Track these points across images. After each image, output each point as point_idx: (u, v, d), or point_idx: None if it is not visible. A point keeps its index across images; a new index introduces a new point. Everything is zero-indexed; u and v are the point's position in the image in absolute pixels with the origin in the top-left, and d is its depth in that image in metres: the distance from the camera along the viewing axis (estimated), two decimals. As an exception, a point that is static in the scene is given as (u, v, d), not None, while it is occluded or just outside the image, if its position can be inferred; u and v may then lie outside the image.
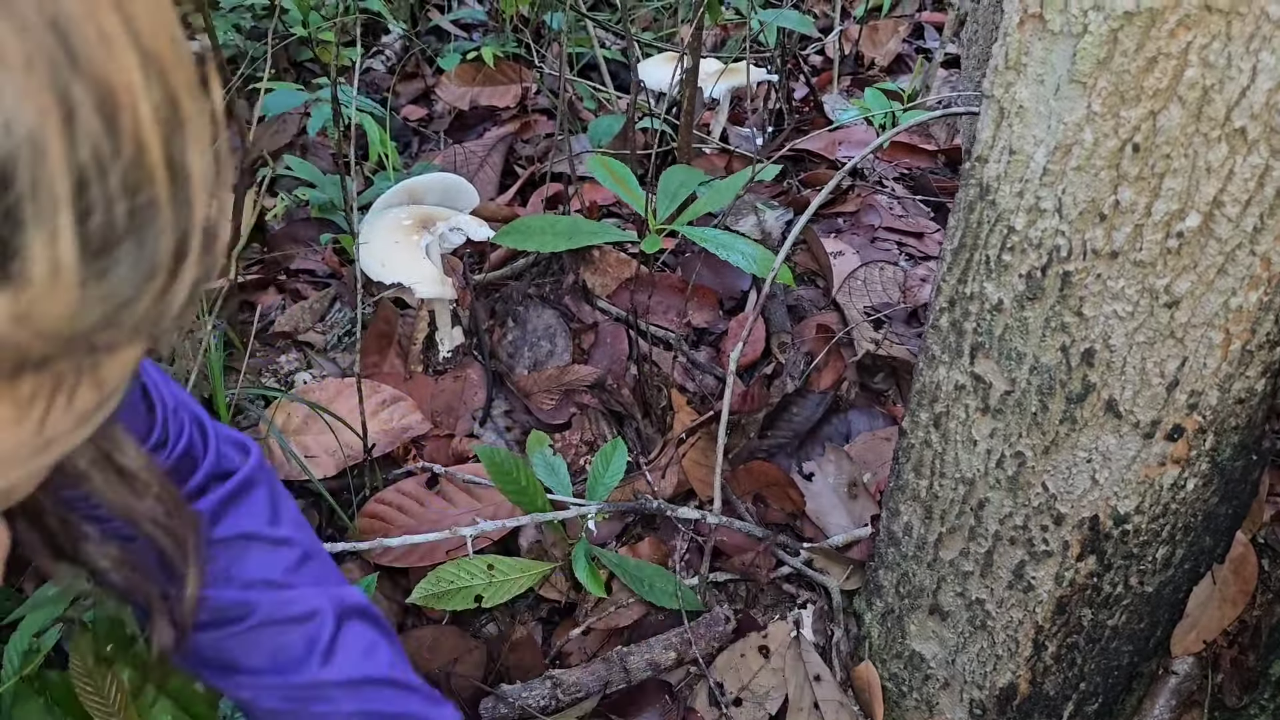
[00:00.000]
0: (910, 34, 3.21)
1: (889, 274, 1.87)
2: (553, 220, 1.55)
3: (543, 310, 1.81)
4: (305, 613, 0.89)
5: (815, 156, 2.36)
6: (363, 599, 0.96)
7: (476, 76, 3.13)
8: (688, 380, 1.71)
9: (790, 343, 1.72)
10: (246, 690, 0.89)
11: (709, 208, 1.56)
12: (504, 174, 2.74)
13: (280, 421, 1.72)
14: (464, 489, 1.63)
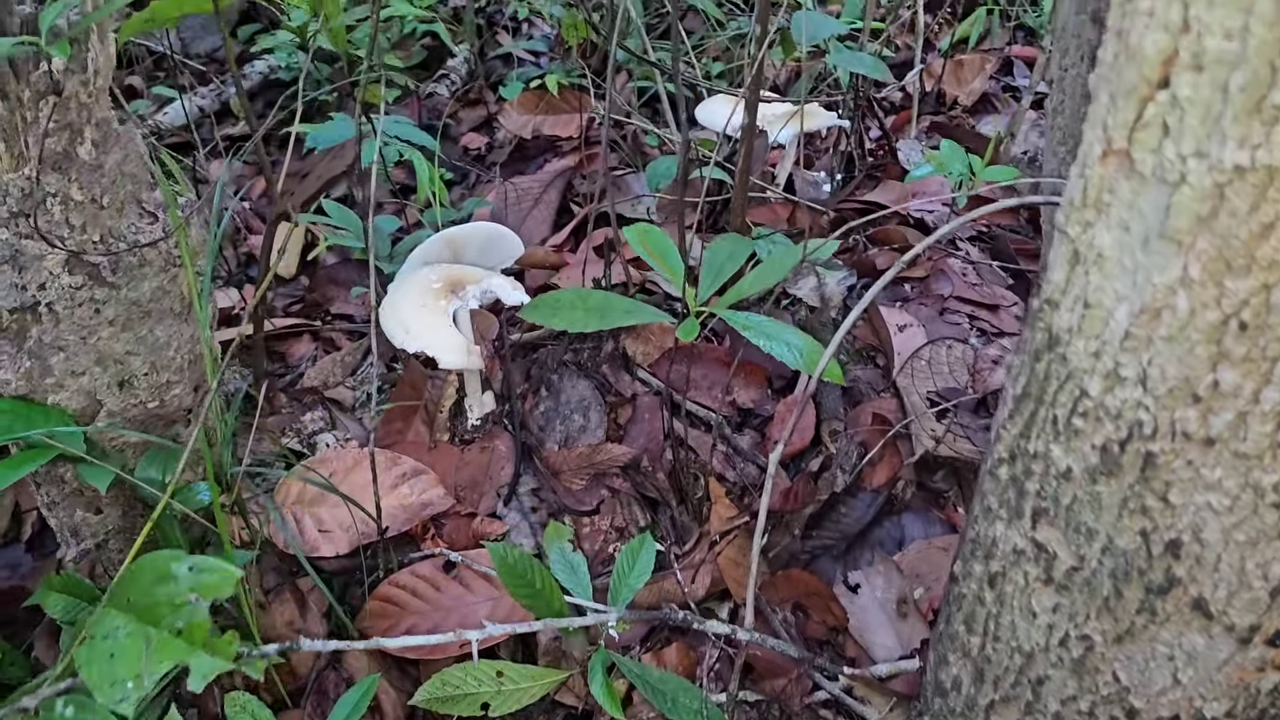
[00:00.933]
0: (999, 69, 3.01)
1: (957, 353, 1.71)
2: (585, 294, 1.43)
3: (578, 380, 1.69)
4: None
5: (884, 209, 2.19)
6: None
7: (539, 105, 3.03)
8: (728, 468, 1.57)
9: (843, 431, 1.57)
10: None
11: (756, 288, 1.43)
12: (561, 210, 2.63)
13: (295, 491, 1.63)
14: (483, 575, 1.52)
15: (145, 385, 1.45)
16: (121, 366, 1.42)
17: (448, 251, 1.94)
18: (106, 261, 1.35)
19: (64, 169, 1.31)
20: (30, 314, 1.34)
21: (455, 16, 3.59)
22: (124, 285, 1.38)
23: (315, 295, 2.26)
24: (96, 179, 1.34)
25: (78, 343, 1.37)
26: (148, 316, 1.42)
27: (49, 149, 1.29)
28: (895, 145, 2.45)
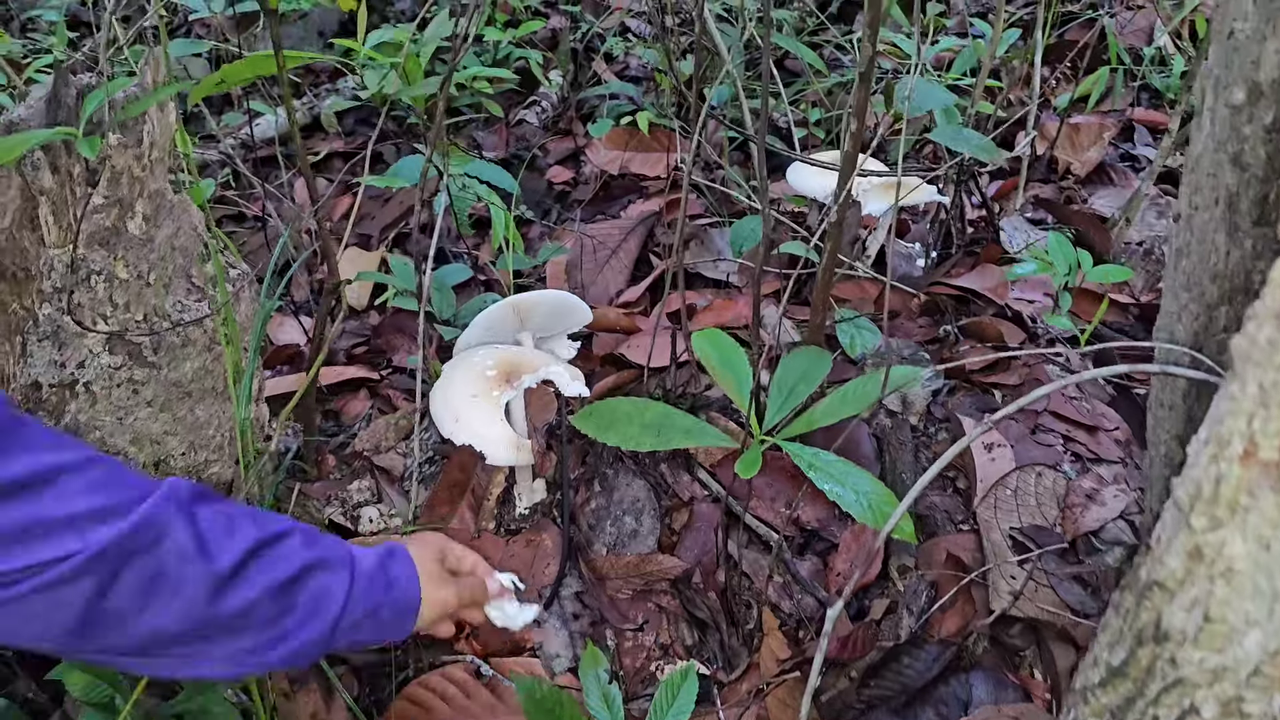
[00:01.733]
0: (1119, 134, 2.82)
1: (1047, 482, 1.57)
2: (641, 407, 1.33)
3: (633, 479, 1.59)
4: (158, 535, 0.86)
5: (982, 298, 2.05)
6: (187, 484, 0.93)
7: (629, 142, 2.94)
8: (784, 598, 1.46)
9: (913, 569, 1.45)
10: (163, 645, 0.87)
11: (829, 420, 1.31)
12: (640, 260, 2.54)
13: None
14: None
15: (182, 465, 1.40)
16: (158, 447, 1.36)
17: (514, 317, 1.86)
18: (149, 340, 1.30)
19: (111, 245, 1.26)
20: (69, 390, 1.30)
21: (553, 39, 3.51)
22: (165, 365, 1.33)
23: (380, 341, 2.21)
24: (145, 255, 1.29)
25: (114, 423, 1.32)
26: (188, 397, 1.36)
27: (97, 224, 1.24)
28: (998, 221, 2.30)
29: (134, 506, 0.86)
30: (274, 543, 0.95)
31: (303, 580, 0.97)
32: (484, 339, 1.85)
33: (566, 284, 2.40)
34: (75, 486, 0.82)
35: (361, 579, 1.02)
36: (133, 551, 0.84)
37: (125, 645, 0.86)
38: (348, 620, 1.00)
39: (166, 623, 0.86)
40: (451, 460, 1.66)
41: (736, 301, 2.16)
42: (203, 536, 0.89)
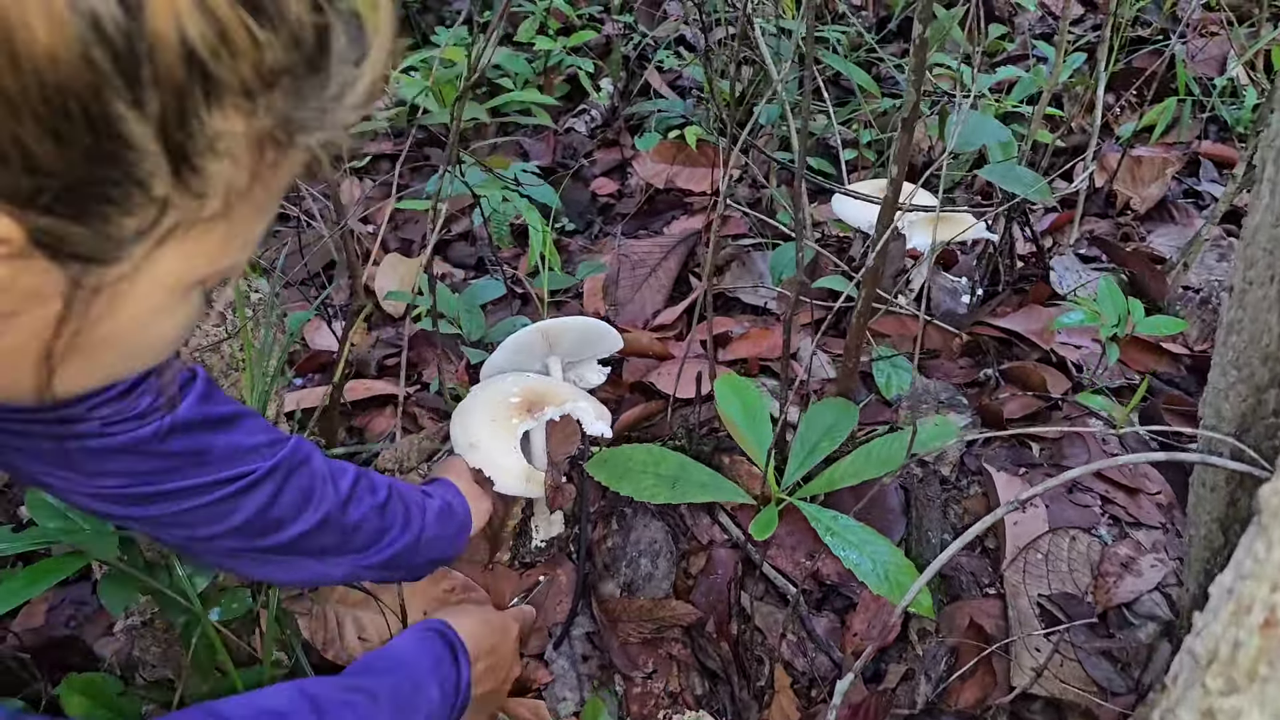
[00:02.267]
0: (1184, 169, 2.72)
1: (1081, 547, 1.50)
2: (658, 456, 1.29)
3: (651, 521, 1.56)
4: (307, 454, 1.09)
5: (1026, 342, 1.98)
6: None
7: (677, 156, 2.90)
8: (798, 655, 1.42)
9: (933, 633, 1.40)
10: (294, 544, 1.07)
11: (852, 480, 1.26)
12: (680, 279, 2.50)
13: (339, 592, 1.56)
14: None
15: (195, 488, 1.39)
16: (171, 470, 1.36)
17: (543, 342, 1.83)
18: (164, 366, 1.29)
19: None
20: (84, 411, 1.29)
21: (606, 47, 3.48)
22: (180, 391, 1.32)
23: (412, 354, 2.19)
24: (163, 279, 1.28)
25: (127, 446, 1.31)
26: (202, 422, 1.35)
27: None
28: (1049, 259, 2.22)
29: (286, 441, 1.07)
30: (366, 476, 1.18)
31: (391, 502, 1.19)
32: (511, 362, 1.83)
33: (603, 302, 2.37)
34: (252, 425, 1.03)
35: (430, 502, 1.27)
36: (291, 469, 1.05)
37: (277, 544, 1.06)
38: (426, 534, 1.22)
39: (309, 528, 1.07)
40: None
41: (773, 330, 2.11)
42: (329, 465, 1.12)
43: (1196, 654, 0.57)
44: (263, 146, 0.52)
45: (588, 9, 3.55)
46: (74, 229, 0.48)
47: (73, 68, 0.43)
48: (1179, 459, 1.00)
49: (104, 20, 0.43)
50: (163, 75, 0.46)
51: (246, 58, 0.48)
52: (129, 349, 0.61)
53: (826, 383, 1.92)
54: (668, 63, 3.24)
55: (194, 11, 0.45)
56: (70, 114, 0.44)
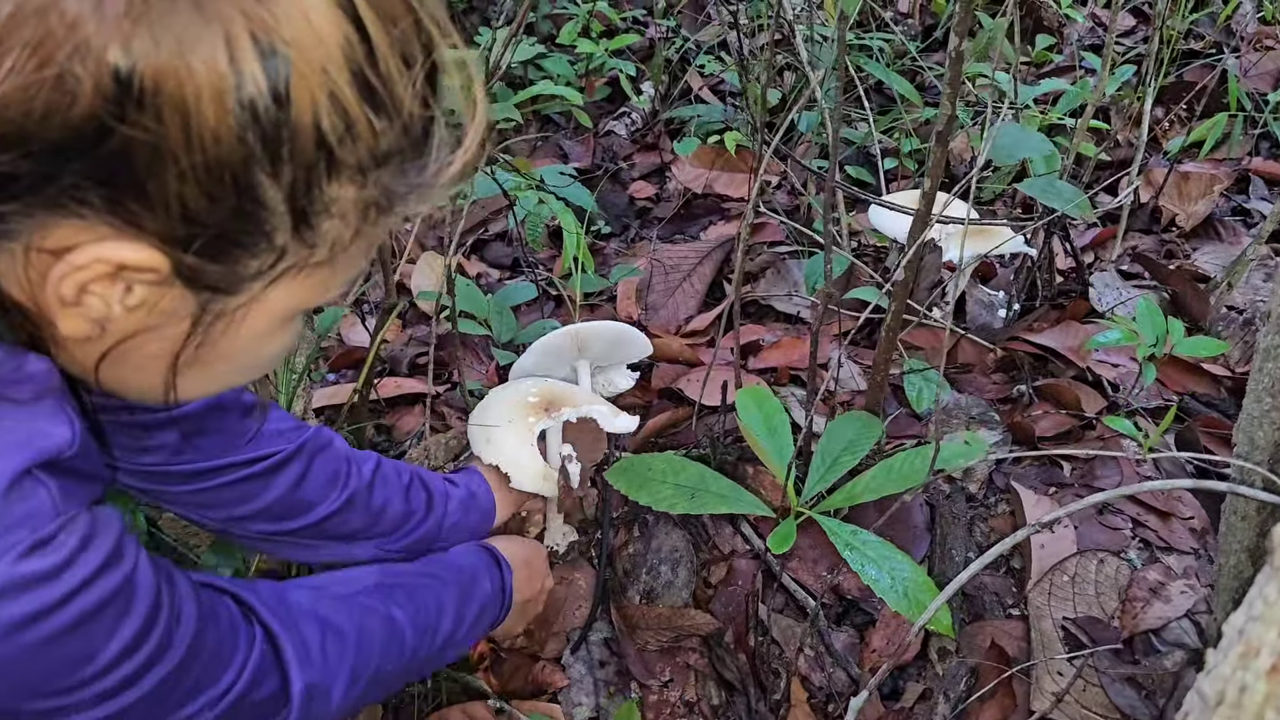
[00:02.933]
0: (1233, 186, 2.66)
1: (1109, 570, 1.48)
2: (678, 466, 1.29)
3: (673, 529, 1.55)
4: (329, 439, 1.17)
5: (1062, 359, 1.95)
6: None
7: (716, 161, 2.89)
8: (815, 669, 1.41)
9: (954, 652, 1.38)
10: (323, 525, 1.14)
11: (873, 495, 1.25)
12: (714, 285, 2.49)
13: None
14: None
15: (221, 481, 1.41)
16: (199, 462, 1.37)
17: (572, 346, 1.84)
18: (194, 360, 1.31)
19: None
20: (115, 402, 1.31)
21: (649, 50, 3.48)
22: (208, 385, 1.33)
23: (443, 354, 2.21)
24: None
25: (156, 438, 1.33)
26: (230, 416, 1.37)
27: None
28: (1090, 275, 2.19)
29: (309, 427, 1.14)
30: (388, 462, 1.23)
31: (413, 488, 1.24)
32: (540, 365, 1.83)
33: (637, 306, 2.37)
34: (278, 414, 1.12)
35: (454, 490, 1.32)
36: (316, 451, 1.13)
37: (305, 525, 1.12)
38: (449, 520, 1.27)
39: (335, 509, 1.13)
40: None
41: (805, 340, 2.09)
42: (352, 451, 1.18)
43: (1205, 694, 0.56)
44: (368, 211, 0.63)
45: (631, 12, 3.55)
46: (210, 267, 0.60)
47: (231, 145, 0.54)
48: (1208, 487, 0.98)
49: (260, 111, 0.54)
50: (298, 154, 0.57)
51: (365, 142, 0.59)
52: (241, 364, 0.73)
53: (856, 394, 1.90)
54: (709, 67, 3.23)
55: (329, 106, 0.56)
56: (223, 180, 0.55)
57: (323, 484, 1.14)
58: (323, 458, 1.14)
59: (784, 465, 1.29)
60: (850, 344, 2.03)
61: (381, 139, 0.60)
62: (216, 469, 1.05)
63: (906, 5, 3.54)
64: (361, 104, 0.57)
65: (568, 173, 2.53)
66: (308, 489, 1.12)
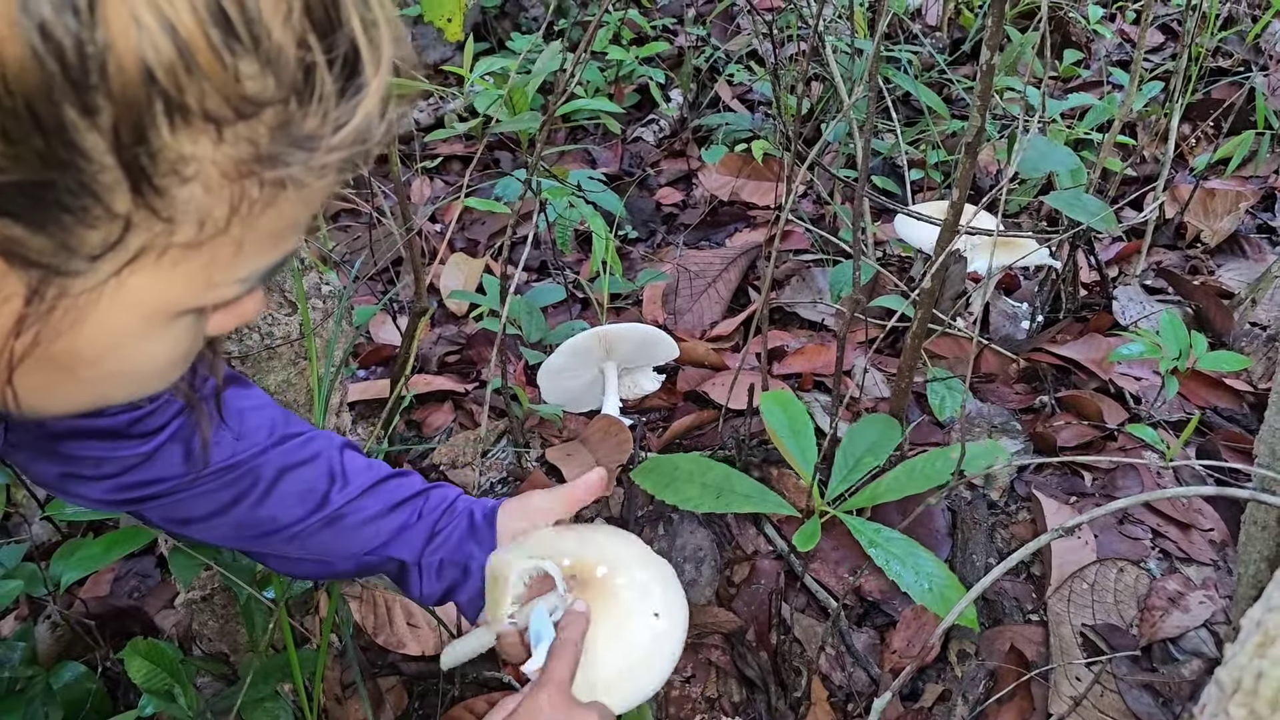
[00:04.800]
0: (1259, 203, 2.67)
1: (1128, 579, 1.49)
2: (704, 466, 1.32)
3: (697, 528, 1.58)
4: (313, 454, 1.03)
5: (1084, 370, 1.97)
6: (344, 437, 1.10)
7: (743, 169, 2.92)
8: (835, 668, 1.43)
9: (973, 655, 1.40)
10: (297, 541, 1.02)
11: (896, 495, 1.28)
12: (739, 291, 2.52)
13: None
14: None
15: (259, 470, 1.44)
16: (238, 452, 1.41)
17: (600, 348, 1.87)
18: (236, 350, 1.35)
19: (210, 257, 1.31)
20: (159, 391, 1.35)
21: (678, 58, 3.52)
22: (250, 376, 1.37)
23: (472, 353, 2.25)
24: (241, 268, 1.34)
25: (198, 426, 1.37)
26: (270, 407, 1.41)
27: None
28: (1114, 288, 2.20)
29: (292, 437, 1.04)
30: (392, 478, 1.08)
31: (401, 508, 1.07)
32: (569, 365, 1.87)
33: (662, 310, 2.40)
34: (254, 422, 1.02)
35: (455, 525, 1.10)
36: (286, 469, 1.02)
37: (276, 536, 1.02)
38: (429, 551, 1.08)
39: (299, 517, 1.02)
40: (523, 486, 1.67)
41: (829, 347, 2.12)
42: (344, 467, 1.05)
43: (1222, 683, 0.58)
44: (241, 179, 0.50)
45: (661, 21, 3.59)
46: (33, 237, 0.48)
47: (21, 67, 0.42)
48: (1230, 494, 1.00)
49: (51, 25, 0.42)
50: (116, 88, 0.44)
51: (213, 82, 0.46)
52: (111, 370, 0.59)
53: (880, 401, 1.92)
54: (738, 76, 3.26)
55: (156, 27, 0.44)
56: (18, 113, 0.44)
57: (292, 502, 1.02)
58: (296, 474, 1.03)
59: (809, 466, 1.32)
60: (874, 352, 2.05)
61: (243, 82, 0.46)
62: (176, 484, 0.97)
63: (935, 18, 3.56)
64: (205, 31, 0.45)
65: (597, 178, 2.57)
66: (272, 506, 1.01)
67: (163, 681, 1.38)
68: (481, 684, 1.51)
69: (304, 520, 1.02)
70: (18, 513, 1.90)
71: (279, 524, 1.02)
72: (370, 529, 1.05)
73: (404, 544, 1.06)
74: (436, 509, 1.08)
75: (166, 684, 1.37)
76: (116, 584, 1.93)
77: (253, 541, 1.04)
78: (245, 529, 1.02)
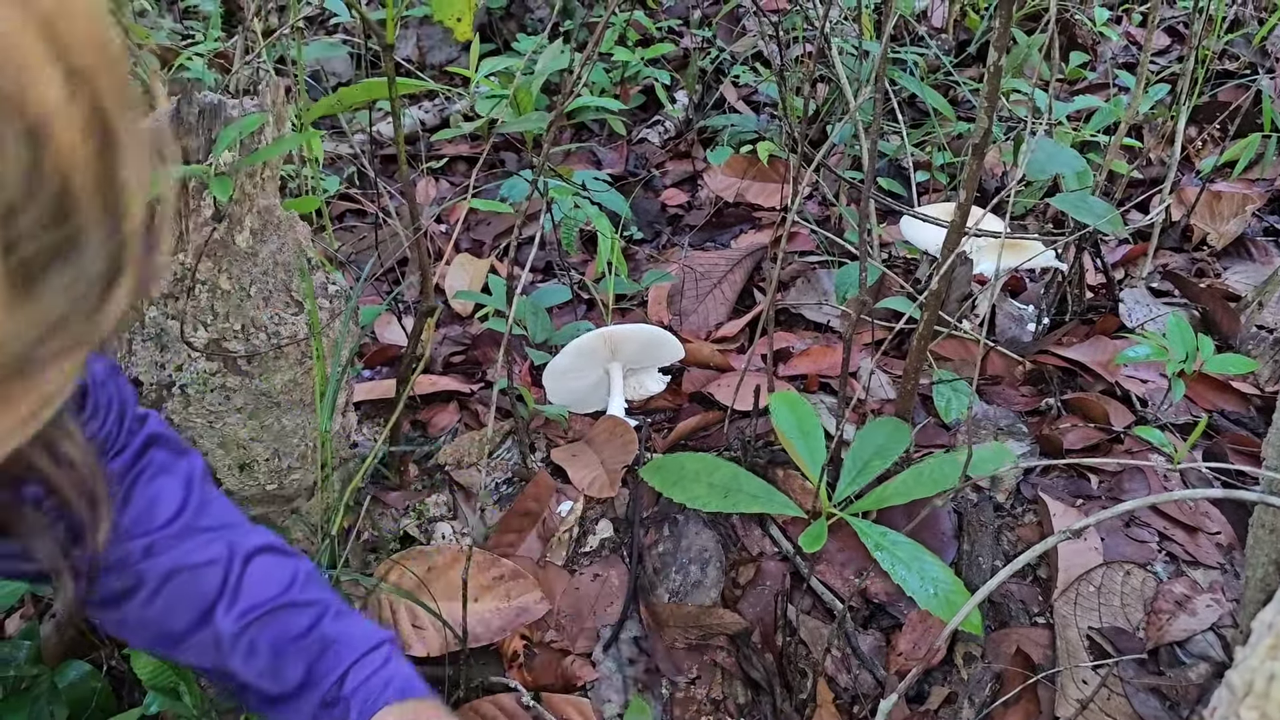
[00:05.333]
0: (1265, 206, 2.67)
1: (1135, 582, 1.49)
2: (712, 466, 1.31)
3: (702, 529, 1.58)
4: (209, 559, 0.96)
5: (1090, 373, 1.96)
6: (268, 537, 1.02)
7: (748, 170, 2.92)
8: (841, 670, 1.43)
9: (979, 657, 1.40)
10: (190, 652, 0.97)
11: (903, 498, 1.27)
12: (745, 292, 2.52)
13: (395, 577, 1.60)
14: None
15: (265, 470, 1.44)
16: (244, 451, 1.41)
17: (605, 348, 1.87)
18: (242, 350, 1.35)
19: (217, 257, 1.31)
20: (166, 390, 1.35)
21: (684, 59, 3.52)
22: (256, 375, 1.37)
23: (477, 353, 2.25)
24: (248, 268, 1.34)
25: (204, 426, 1.37)
26: (276, 407, 1.41)
27: (206, 236, 1.29)
28: (1120, 291, 2.20)
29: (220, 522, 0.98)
30: (296, 608, 0.98)
31: (288, 657, 0.97)
32: (574, 366, 1.87)
33: (667, 311, 2.40)
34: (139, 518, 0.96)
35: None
36: (175, 570, 0.95)
37: (174, 634, 0.97)
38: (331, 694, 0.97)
39: (184, 628, 0.96)
40: (527, 489, 1.67)
41: (835, 348, 2.12)
42: (240, 580, 0.96)
43: (1233, 685, 0.58)
44: None
45: (667, 22, 3.59)
46: None
47: None
48: (1237, 497, 0.99)
49: None
50: None
51: None
52: None
53: (885, 403, 1.92)
54: (744, 78, 3.26)
55: None
56: None
57: (179, 610, 0.95)
58: (186, 578, 0.95)
59: (817, 468, 1.32)
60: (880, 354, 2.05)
61: None
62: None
63: (940, 20, 3.56)
64: None
65: (602, 178, 2.57)
66: (159, 610, 0.95)
67: (168, 679, 1.38)
68: (487, 689, 1.51)
69: (191, 634, 0.95)
70: (23, 512, 1.90)
71: (169, 631, 0.95)
72: (252, 665, 0.96)
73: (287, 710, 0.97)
74: (326, 677, 0.96)
75: (172, 682, 1.38)
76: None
77: (156, 644, 0.98)
78: (141, 630, 0.96)
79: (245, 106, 1.26)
